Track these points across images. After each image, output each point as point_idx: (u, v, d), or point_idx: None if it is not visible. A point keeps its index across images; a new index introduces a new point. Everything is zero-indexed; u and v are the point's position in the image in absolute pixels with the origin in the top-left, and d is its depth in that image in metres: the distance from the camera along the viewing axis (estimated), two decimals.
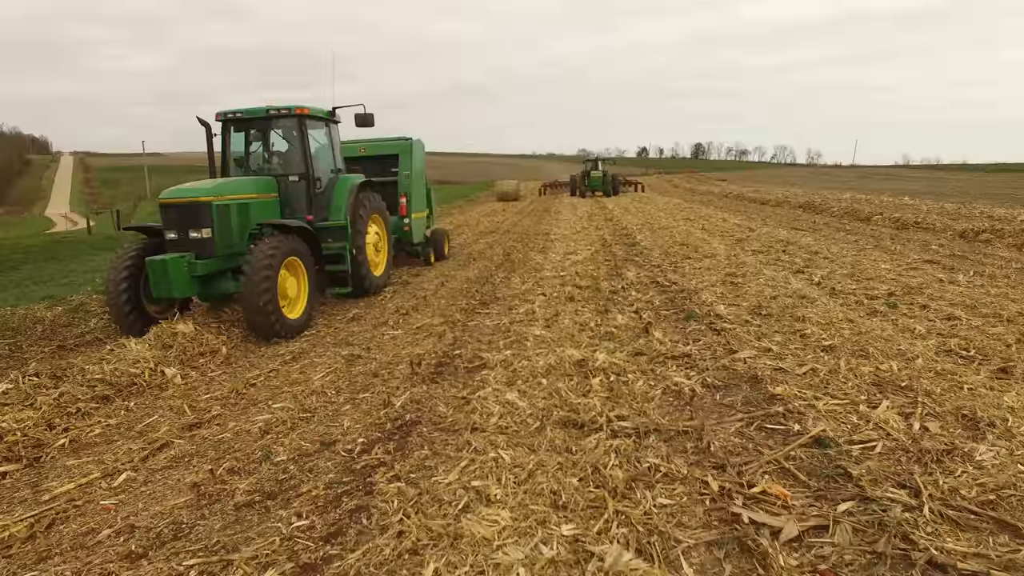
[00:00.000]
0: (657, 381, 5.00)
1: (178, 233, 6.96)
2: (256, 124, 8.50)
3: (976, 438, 3.76)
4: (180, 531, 3.27)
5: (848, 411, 4.23)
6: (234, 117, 8.36)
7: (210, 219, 6.96)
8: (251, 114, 8.31)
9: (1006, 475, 3.27)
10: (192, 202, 6.95)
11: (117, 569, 2.95)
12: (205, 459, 4.13)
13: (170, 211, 7.02)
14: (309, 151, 8.31)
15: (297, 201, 8.30)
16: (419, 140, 11.98)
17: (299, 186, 8.30)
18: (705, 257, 11.37)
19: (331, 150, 9.09)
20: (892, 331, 6.08)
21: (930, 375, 4.81)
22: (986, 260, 10.32)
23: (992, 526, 2.90)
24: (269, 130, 8.65)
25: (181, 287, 6.74)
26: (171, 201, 7.04)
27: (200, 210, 6.94)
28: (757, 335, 6.14)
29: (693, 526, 3.04)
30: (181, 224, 6.94)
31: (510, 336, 6.48)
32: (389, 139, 11.81)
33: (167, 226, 7.02)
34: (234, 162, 8.57)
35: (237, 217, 7.35)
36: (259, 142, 8.69)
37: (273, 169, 8.55)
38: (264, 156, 8.69)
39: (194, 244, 6.92)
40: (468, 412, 4.46)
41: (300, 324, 7.27)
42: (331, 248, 8.36)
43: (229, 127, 8.48)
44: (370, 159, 11.32)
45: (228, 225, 7.22)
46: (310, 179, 8.34)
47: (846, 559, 2.73)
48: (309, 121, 8.37)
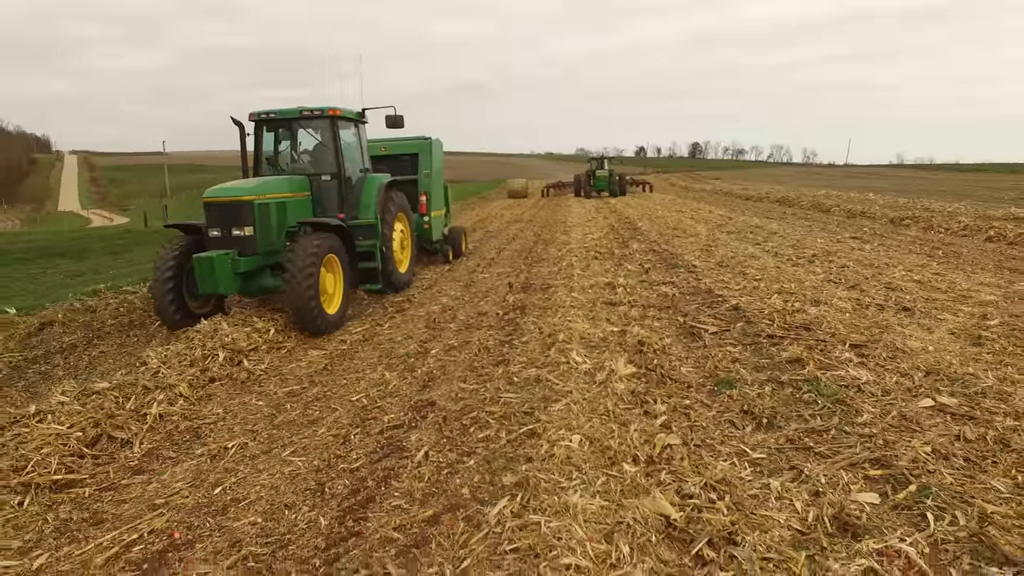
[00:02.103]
0: (653, 290, 8.72)
1: (222, 231, 7.13)
2: (288, 124, 8.69)
3: (816, 304, 7.43)
4: (432, 336, 6.93)
5: (755, 300, 7.90)
6: (267, 117, 8.50)
7: (252, 217, 7.13)
8: (284, 115, 8.44)
9: (825, 320, 6.94)
10: (235, 201, 7.13)
11: (399, 364, 6.61)
12: (421, 320, 7.79)
13: (214, 209, 7.18)
14: (341, 151, 8.50)
15: (329, 200, 8.49)
16: (438, 140, 12.23)
17: (331, 185, 8.48)
18: (690, 236, 15.07)
19: (360, 150, 9.25)
20: (801, 273, 9.75)
21: (811, 290, 8.46)
22: (895, 237, 14.07)
23: (804, 334, 6.56)
24: (301, 130, 8.90)
25: (226, 283, 6.94)
26: (215, 200, 7.19)
27: (243, 209, 7.11)
28: (716, 274, 9.83)
29: (671, 331, 6.72)
30: (224, 222, 7.12)
31: (561, 274, 10.20)
32: (409, 138, 11.94)
33: (211, 224, 7.18)
34: (266, 161, 8.73)
35: (276, 215, 7.53)
36: (291, 142, 8.93)
37: (305, 168, 8.70)
38: (293, 155, 8.91)
39: (237, 241, 7.10)
40: (550, 302, 8.17)
41: (337, 319, 7.46)
42: (362, 245, 8.50)
43: (262, 127, 8.64)
44: (391, 158, 11.51)
45: (268, 223, 7.39)
46: (342, 179, 8.51)
47: (735, 337, 6.41)
48: (340, 122, 8.54)
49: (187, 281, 7.16)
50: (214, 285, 6.86)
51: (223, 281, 6.86)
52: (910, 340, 5.95)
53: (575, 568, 2.75)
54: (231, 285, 7.03)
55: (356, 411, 4.96)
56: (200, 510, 3.61)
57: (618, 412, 4.49)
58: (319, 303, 6.92)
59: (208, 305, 7.58)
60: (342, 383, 5.70)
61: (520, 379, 5.35)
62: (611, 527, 3.07)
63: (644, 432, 4.12)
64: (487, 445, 4.17)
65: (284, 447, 4.38)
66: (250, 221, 7.12)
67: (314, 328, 7.01)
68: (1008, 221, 14.61)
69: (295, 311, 6.88)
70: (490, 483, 3.64)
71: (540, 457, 3.79)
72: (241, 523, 3.42)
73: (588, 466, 3.66)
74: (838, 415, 4.41)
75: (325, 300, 7.21)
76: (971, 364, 5.23)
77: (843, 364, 5.37)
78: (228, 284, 6.95)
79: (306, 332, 7.05)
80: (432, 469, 3.90)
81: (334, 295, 7.55)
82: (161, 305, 6.98)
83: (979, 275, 9.26)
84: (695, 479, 3.51)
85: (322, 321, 7.02)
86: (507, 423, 4.46)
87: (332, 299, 7.48)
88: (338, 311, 7.50)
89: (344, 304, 7.70)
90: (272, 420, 4.95)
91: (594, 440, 3.98)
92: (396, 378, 5.69)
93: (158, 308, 7.07)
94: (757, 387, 5.01)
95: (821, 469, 3.63)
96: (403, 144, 11.84)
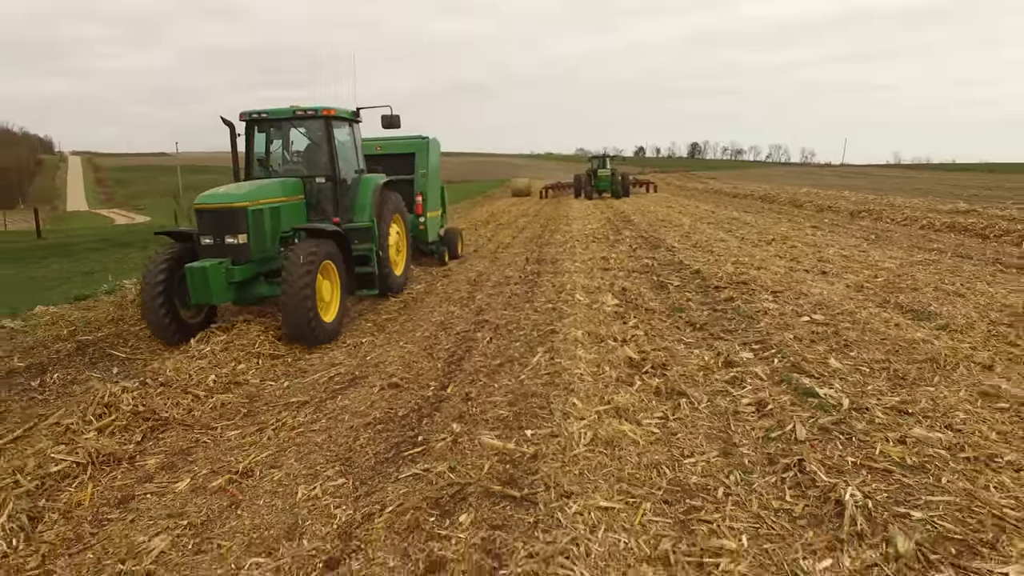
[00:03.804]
0: (637, 262, 11.32)
1: (214, 239, 6.83)
2: (281, 125, 8.40)
3: (757, 269, 9.99)
4: (475, 289, 9.50)
5: (713, 267, 10.46)
6: (259, 117, 8.23)
7: (246, 224, 6.85)
8: (276, 115, 8.19)
9: (760, 279, 9.51)
10: (228, 208, 6.83)
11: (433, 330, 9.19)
12: (463, 282, 10.35)
13: (206, 216, 6.89)
14: (336, 153, 8.23)
15: (323, 202, 8.26)
16: (435, 139, 12.19)
17: (325, 187, 8.24)
18: (675, 226, 17.66)
19: (355, 150, 9.03)
20: (756, 251, 12.34)
21: (759, 261, 11.03)
22: (847, 226, 16.67)
23: (741, 286, 9.13)
24: (294, 131, 8.62)
25: (220, 293, 6.66)
26: (207, 207, 6.88)
27: (236, 216, 6.82)
28: (689, 252, 12.41)
29: (646, 284, 9.30)
30: (217, 229, 6.83)
31: (566, 252, 12.81)
32: (406, 138, 11.80)
33: (203, 231, 6.88)
34: (257, 163, 8.48)
35: (270, 222, 7.26)
36: (283, 143, 8.67)
37: (298, 170, 8.44)
38: (286, 156, 8.67)
39: (230, 249, 6.81)
40: (559, 268, 10.77)
41: (334, 328, 7.19)
42: (358, 249, 8.20)
43: (253, 127, 8.34)
44: (387, 157, 11.33)
45: (262, 230, 7.12)
46: (337, 181, 8.26)
47: (691, 288, 8.98)
48: (334, 122, 8.29)
49: (178, 290, 6.84)
50: (208, 295, 6.60)
51: (217, 291, 6.59)
52: (813, 289, 8.53)
53: (579, 377, 5.32)
54: (225, 295, 6.77)
55: (437, 325, 7.58)
56: (365, 366, 6.21)
57: (605, 321, 7.09)
58: (316, 313, 6.69)
59: (200, 314, 7.29)
60: (421, 314, 8.30)
61: (542, 309, 7.94)
62: (599, 361, 5.66)
63: (621, 329, 6.72)
64: (525, 336, 6.76)
65: (398, 341, 7.00)
66: (244, 228, 6.83)
67: (311, 339, 6.75)
68: (947, 214, 17.19)
69: (291, 323, 6.59)
70: (530, 351, 6.21)
71: (559, 340, 6.38)
72: (389, 370, 5.99)
73: (587, 341, 6.25)
74: (745, 323, 6.99)
75: (322, 308, 6.91)
76: (845, 302, 7.79)
77: (760, 300, 7.95)
78: (222, 294, 6.69)
79: (301, 345, 6.78)
80: (494, 347, 6.50)
81: (331, 303, 7.26)
82: (154, 317, 6.66)
83: (893, 251, 11.87)
84: (648, 346, 6.11)
85: (320, 331, 6.78)
86: (536, 328, 7.04)
87: (329, 307, 7.19)
88: (335, 319, 7.24)
89: (341, 311, 7.44)
90: (383, 330, 7.64)
91: (590, 332, 6.57)
92: (457, 309, 8.34)
93: (149, 320, 6.74)
94: (698, 311, 7.60)
95: (725, 345, 6.20)
96: (399, 143, 11.73)
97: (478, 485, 3.68)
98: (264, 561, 3.15)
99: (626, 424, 4.37)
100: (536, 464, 3.87)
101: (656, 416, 4.58)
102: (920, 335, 6.19)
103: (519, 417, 4.60)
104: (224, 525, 3.52)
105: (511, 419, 4.59)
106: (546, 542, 3.08)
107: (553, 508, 3.37)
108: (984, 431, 4.13)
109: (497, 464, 3.92)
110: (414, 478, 3.85)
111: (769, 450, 4.04)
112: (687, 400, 4.86)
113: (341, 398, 5.34)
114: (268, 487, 3.90)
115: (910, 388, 4.91)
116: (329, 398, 5.37)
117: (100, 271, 12.54)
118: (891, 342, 6.04)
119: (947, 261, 10.59)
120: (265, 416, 5.05)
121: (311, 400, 5.35)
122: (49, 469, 3.92)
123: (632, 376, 5.37)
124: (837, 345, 6.10)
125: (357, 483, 3.88)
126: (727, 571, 2.89)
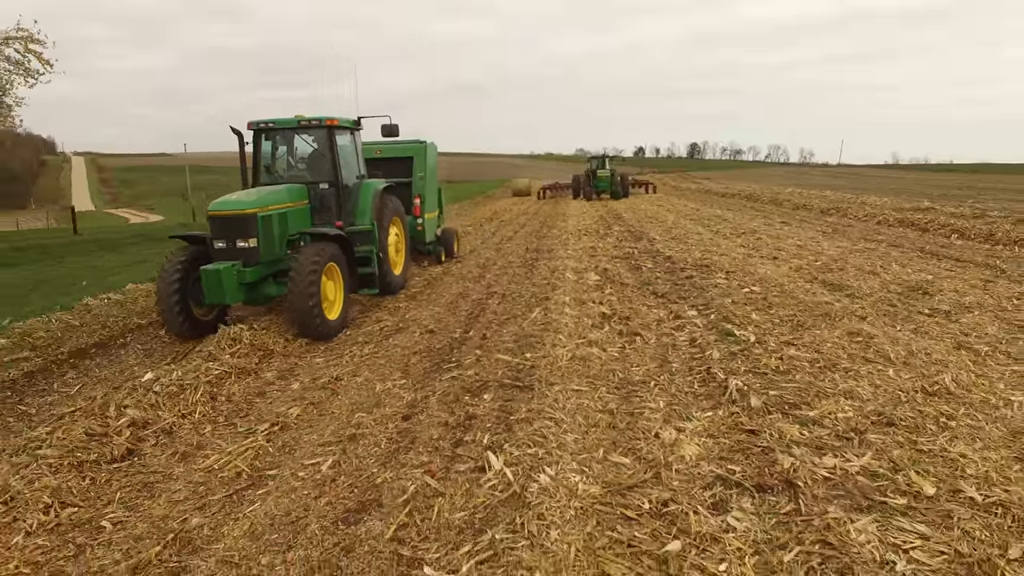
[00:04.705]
0: (621, 250, 13.30)
1: (226, 243, 7.29)
2: (286, 134, 8.92)
3: (720, 256, 11.96)
4: (484, 271, 11.46)
5: (683, 254, 12.43)
6: (265, 127, 8.67)
7: (256, 230, 7.30)
8: (282, 124, 8.65)
9: (719, 262, 11.47)
10: (239, 214, 7.29)
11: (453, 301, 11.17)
12: (474, 266, 12.31)
13: (218, 222, 7.34)
14: (339, 161, 8.71)
15: (327, 207, 8.70)
16: (432, 143, 12.75)
17: (329, 193, 8.69)
18: (660, 222, 19.63)
19: (356, 156, 9.47)
20: (725, 242, 14.30)
21: (724, 250, 12.97)
22: (813, 222, 18.65)
23: (702, 268, 11.09)
24: (298, 139, 9.12)
25: (232, 294, 7.12)
26: (219, 213, 7.34)
27: (247, 222, 7.28)
28: (666, 243, 14.37)
29: (625, 266, 11.26)
30: (229, 234, 7.29)
31: (560, 243, 14.79)
32: (404, 142, 12.19)
33: (216, 236, 7.34)
34: (264, 169, 8.93)
35: (278, 226, 7.72)
36: (287, 150, 9.19)
37: (303, 176, 8.91)
38: (290, 162, 9.20)
39: (241, 253, 7.28)
40: (553, 255, 12.74)
41: (338, 324, 7.67)
42: (360, 251, 8.64)
43: (260, 136, 8.83)
44: (386, 161, 11.82)
45: (271, 234, 7.59)
46: (339, 186, 8.73)
47: (661, 269, 10.94)
48: (337, 131, 8.74)
49: (191, 290, 7.35)
50: (221, 296, 7.10)
51: (229, 292, 7.09)
52: (760, 270, 10.48)
53: (564, 325, 7.26)
54: (237, 295, 7.25)
55: (456, 295, 9.58)
56: (405, 321, 8.18)
57: (588, 291, 9.07)
58: (321, 312, 7.19)
59: (212, 312, 7.78)
60: (443, 289, 10.28)
61: (538, 283, 9.91)
62: (580, 316, 7.64)
63: (599, 296, 8.71)
64: (525, 302, 8.72)
65: (428, 306, 9.00)
66: (254, 233, 7.31)
67: (316, 335, 7.25)
68: (906, 211, 19.12)
69: (298, 320, 7.13)
70: (529, 310, 8.16)
71: (551, 303, 8.33)
72: (424, 323, 7.95)
73: (572, 304, 8.22)
74: (697, 293, 8.95)
75: (327, 307, 7.41)
76: (782, 279, 9.73)
77: (714, 278, 9.91)
78: (234, 294, 7.18)
79: (308, 339, 7.29)
80: (501, 308, 8.48)
81: (335, 301, 7.75)
82: (169, 315, 7.20)
83: (841, 242, 13.83)
84: (619, 306, 8.09)
85: (324, 328, 7.26)
86: (534, 296, 9.00)
87: (333, 305, 7.68)
88: (339, 316, 7.75)
89: (345, 309, 7.92)
90: (415, 299, 9.63)
91: (575, 298, 8.54)
92: (471, 285, 10.33)
93: (166, 318, 7.28)
94: (663, 285, 9.57)
95: (677, 307, 8.16)
96: (398, 148, 12.16)
97: (495, 380, 5.65)
98: (364, 415, 5.11)
99: (595, 348, 6.34)
100: (533, 369, 5.83)
101: (617, 346, 6.55)
102: (826, 299, 8.16)
103: (521, 347, 6.57)
104: (332, 404, 5.48)
105: (515, 348, 6.56)
106: (538, 404, 5.03)
107: (543, 390, 5.32)
108: (839, 353, 6.07)
109: (507, 370, 5.89)
110: (452, 379, 5.82)
111: (691, 364, 6.00)
112: (640, 338, 6.83)
113: (392, 339, 7.33)
114: (354, 386, 5.86)
115: (802, 332, 6.87)
116: (383, 339, 7.36)
117: (150, 261, 14.49)
118: (803, 305, 8.00)
119: (881, 249, 12.56)
120: (340, 350, 7.04)
121: (370, 341, 7.34)
122: (211, 375, 5.89)
123: (603, 324, 7.35)
124: (762, 306, 8.06)
125: (414, 382, 5.85)
126: (649, 419, 4.83)
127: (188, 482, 4.23)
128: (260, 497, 3.97)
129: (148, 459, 4.59)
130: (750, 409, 4.88)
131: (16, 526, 3.65)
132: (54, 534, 3.65)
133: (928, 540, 3.21)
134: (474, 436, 4.59)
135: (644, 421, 4.74)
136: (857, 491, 3.70)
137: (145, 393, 5.31)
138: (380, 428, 4.88)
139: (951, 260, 11.04)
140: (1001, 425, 4.44)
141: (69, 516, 3.81)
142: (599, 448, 4.31)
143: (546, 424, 4.59)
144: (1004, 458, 3.98)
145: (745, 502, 3.62)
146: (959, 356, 5.88)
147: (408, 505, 3.73)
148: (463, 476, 4.04)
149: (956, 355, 5.90)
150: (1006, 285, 8.77)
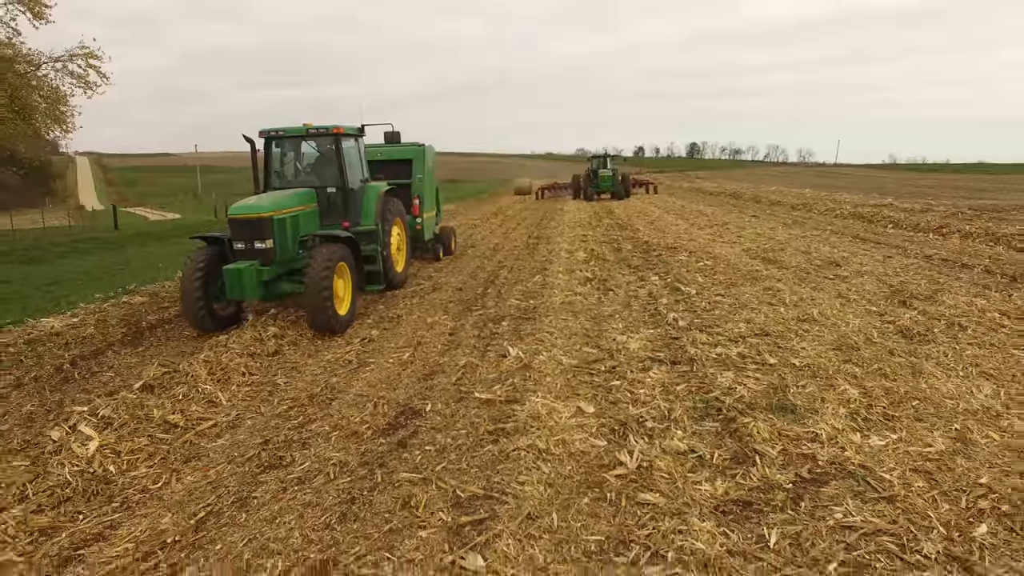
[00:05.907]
0: (608, 237, 15.89)
1: (245, 244, 7.89)
2: (295, 141, 9.50)
3: (688, 241, 14.50)
4: (494, 254, 14.01)
5: (658, 240, 14.98)
6: (276, 135, 9.25)
7: (271, 231, 7.90)
8: (291, 132, 9.21)
9: (685, 246, 14.02)
10: (257, 218, 7.87)
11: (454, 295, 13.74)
12: (486, 248, 14.86)
13: (238, 225, 7.93)
14: (345, 166, 9.29)
15: (334, 209, 9.27)
16: (430, 146, 13.44)
17: (336, 196, 9.26)
18: (645, 216, 22.20)
19: (360, 160, 10.02)
20: (697, 231, 16.84)
21: (694, 237, 15.51)
22: (781, 216, 21.22)
23: (671, 249, 13.64)
24: (306, 146, 9.68)
25: (252, 290, 7.72)
26: (239, 217, 7.93)
27: (264, 224, 7.87)
28: (647, 232, 16.93)
29: (609, 248, 13.82)
30: (248, 236, 7.88)
31: (557, 232, 17.38)
32: (404, 145, 12.72)
33: (236, 237, 7.95)
34: (275, 174, 9.51)
35: (291, 229, 8.32)
36: (296, 156, 9.79)
37: (311, 181, 9.50)
38: (299, 168, 9.80)
39: (258, 253, 7.88)
40: (551, 242, 15.32)
41: (348, 318, 8.25)
42: (365, 250, 9.21)
43: (271, 144, 9.40)
44: (387, 163, 12.42)
45: (285, 235, 8.18)
46: (346, 190, 9.30)
47: (638, 250, 13.50)
48: (343, 138, 9.33)
49: (212, 287, 7.93)
50: (242, 292, 7.67)
51: (249, 289, 7.65)
52: (717, 251, 13.02)
53: (558, 285, 9.81)
54: (256, 292, 7.80)
55: (475, 268, 12.20)
56: (438, 285, 10.74)
57: (577, 264, 11.66)
58: (334, 308, 7.78)
59: (230, 307, 8.36)
60: (462, 265, 12.85)
61: (538, 260, 12.49)
62: (569, 279, 10.22)
63: (586, 267, 11.30)
64: (528, 272, 11.29)
65: (453, 275, 11.58)
66: (269, 235, 7.89)
67: (329, 328, 7.82)
68: (867, 207, 21.64)
69: (313, 316, 7.72)
70: (531, 277, 10.72)
71: (548, 273, 10.91)
72: (453, 284, 10.50)
73: (564, 272, 10.80)
74: (662, 266, 11.50)
75: (337, 303, 7.93)
76: (732, 257, 12.27)
77: (678, 256, 12.46)
78: (253, 291, 7.74)
79: (321, 332, 7.86)
80: (511, 276, 11.08)
81: (344, 298, 8.31)
82: (192, 310, 7.78)
83: (795, 231, 16.39)
84: (600, 274, 10.67)
85: (335, 322, 7.83)
86: (535, 268, 11.57)
87: (343, 301, 8.23)
88: (349, 311, 8.31)
89: (353, 304, 8.53)
90: (441, 271, 12.18)
91: (566, 269, 11.12)
92: (486, 262, 12.92)
93: (189, 313, 7.86)
94: (636, 261, 12.14)
95: (643, 274, 10.71)
96: (398, 150, 12.77)
97: (509, 315, 8.24)
98: (424, 332, 7.71)
99: (579, 297, 8.93)
100: (535, 309, 8.41)
101: (594, 297, 9.12)
102: (758, 269, 10.71)
103: (527, 297, 9.16)
104: (399, 328, 8.05)
105: (522, 298, 9.15)
106: (538, 325, 7.58)
107: (541, 318, 7.89)
108: (751, 300, 8.62)
109: (517, 310, 8.48)
110: (479, 315, 8.41)
111: (645, 306, 8.56)
112: (612, 292, 9.41)
113: (431, 296, 9.91)
114: (411, 321, 8.42)
115: (732, 288, 9.41)
116: (425, 295, 9.94)
117: None
118: (739, 272, 10.55)
119: (823, 236, 15.12)
120: (393, 302, 9.63)
121: (415, 295, 9.94)
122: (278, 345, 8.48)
123: (586, 284, 9.94)
124: (709, 274, 10.61)
125: (452, 317, 8.44)
126: (610, 332, 7.36)
127: (319, 365, 6.79)
128: (368, 371, 6.52)
129: (288, 356, 7.15)
130: (679, 328, 7.44)
131: (232, 379, 6.21)
132: (252, 386, 6.21)
133: (760, 380, 5.75)
134: (498, 342, 7.16)
135: (607, 333, 7.30)
136: (729, 362, 6.24)
137: (275, 319, 7.90)
138: (435, 338, 7.47)
139: (872, 243, 13.62)
140: (835, 334, 6.98)
141: (257, 379, 6.38)
142: (577, 345, 6.88)
143: (544, 335, 7.16)
144: (826, 349, 6.52)
145: (663, 368, 6.16)
146: (833, 302, 8.43)
147: (461, 371, 6.29)
148: (492, 359, 6.60)
149: (832, 301, 8.45)
150: (900, 260, 11.34)
